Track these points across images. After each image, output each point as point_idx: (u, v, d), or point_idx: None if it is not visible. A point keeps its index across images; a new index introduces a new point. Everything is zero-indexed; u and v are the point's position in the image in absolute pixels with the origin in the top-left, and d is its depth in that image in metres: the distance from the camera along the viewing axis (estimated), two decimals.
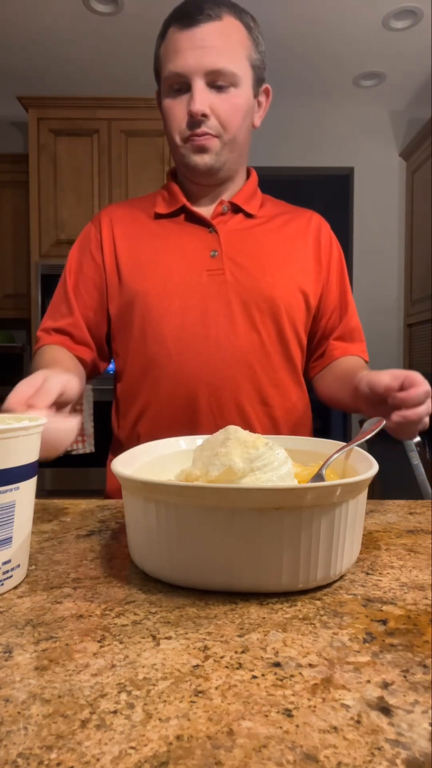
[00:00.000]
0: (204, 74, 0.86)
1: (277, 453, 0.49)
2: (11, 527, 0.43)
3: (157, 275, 0.93)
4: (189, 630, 0.37)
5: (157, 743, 0.26)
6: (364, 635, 0.36)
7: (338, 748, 0.25)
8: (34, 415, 0.52)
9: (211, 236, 0.95)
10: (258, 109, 0.97)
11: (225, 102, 0.88)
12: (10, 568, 0.44)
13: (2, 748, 0.26)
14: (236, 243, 0.95)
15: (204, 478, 0.48)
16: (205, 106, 0.87)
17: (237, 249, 0.95)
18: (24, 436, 0.43)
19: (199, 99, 0.86)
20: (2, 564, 0.43)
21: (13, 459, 0.42)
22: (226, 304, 0.92)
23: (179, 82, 0.88)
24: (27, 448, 0.43)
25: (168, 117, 0.92)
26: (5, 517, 0.42)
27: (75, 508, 0.69)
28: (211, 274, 0.93)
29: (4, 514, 0.42)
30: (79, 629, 0.37)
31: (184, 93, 0.88)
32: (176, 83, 0.88)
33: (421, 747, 0.26)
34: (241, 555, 0.41)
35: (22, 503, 0.44)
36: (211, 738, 0.26)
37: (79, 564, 0.49)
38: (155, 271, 0.94)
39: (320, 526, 0.41)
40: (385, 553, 0.52)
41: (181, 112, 0.89)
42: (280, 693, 0.30)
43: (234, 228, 0.96)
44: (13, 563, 0.44)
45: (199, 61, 0.86)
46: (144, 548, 0.45)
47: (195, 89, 0.86)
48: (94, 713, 0.28)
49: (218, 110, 0.88)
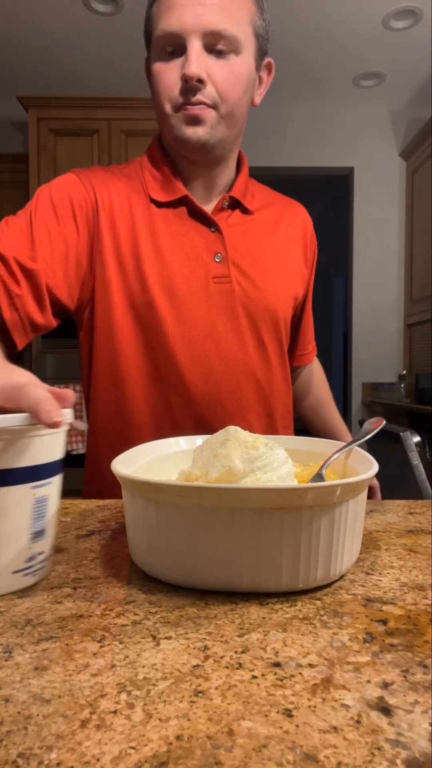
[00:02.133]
0: (202, 34, 0.76)
1: (277, 453, 0.49)
2: (45, 520, 0.44)
3: (161, 279, 0.83)
4: (189, 630, 0.37)
5: (157, 743, 0.26)
6: (364, 635, 0.36)
7: (338, 748, 0.25)
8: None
9: (214, 236, 0.87)
10: (259, 85, 0.87)
11: (224, 69, 0.78)
12: (44, 558, 0.45)
13: (2, 748, 0.26)
14: (239, 246, 0.89)
15: (204, 478, 0.48)
16: (202, 70, 0.76)
17: (240, 253, 0.88)
18: (55, 434, 0.44)
19: (196, 61, 0.75)
20: (38, 554, 0.44)
21: (48, 455, 0.44)
22: (233, 318, 0.87)
23: (173, 43, 0.77)
24: (58, 445, 0.45)
25: (158, 82, 0.80)
26: (40, 510, 0.44)
27: (75, 508, 0.69)
28: (218, 282, 0.86)
29: (40, 507, 0.44)
30: (79, 629, 0.37)
31: (178, 56, 0.78)
32: (169, 44, 0.77)
33: (421, 747, 0.26)
34: (241, 555, 0.41)
35: (53, 498, 0.45)
36: (211, 738, 0.26)
37: (79, 564, 0.49)
38: (159, 273, 0.83)
39: (320, 526, 0.41)
40: (385, 553, 0.52)
41: (173, 77, 0.78)
42: (280, 693, 0.30)
43: (234, 227, 0.89)
44: (46, 554, 0.46)
45: (197, 19, 0.75)
46: (144, 548, 0.45)
47: (191, 51, 0.75)
48: (94, 713, 0.28)
49: (216, 77, 0.77)
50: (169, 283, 0.84)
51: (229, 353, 0.87)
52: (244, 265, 0.88)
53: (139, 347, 0.85)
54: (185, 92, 0.78)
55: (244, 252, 0.89)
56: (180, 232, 0.86)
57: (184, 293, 0.84)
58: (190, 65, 0.75)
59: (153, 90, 0.82)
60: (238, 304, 0.87)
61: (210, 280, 0.86)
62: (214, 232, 0.87)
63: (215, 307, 0.86)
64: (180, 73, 0.77)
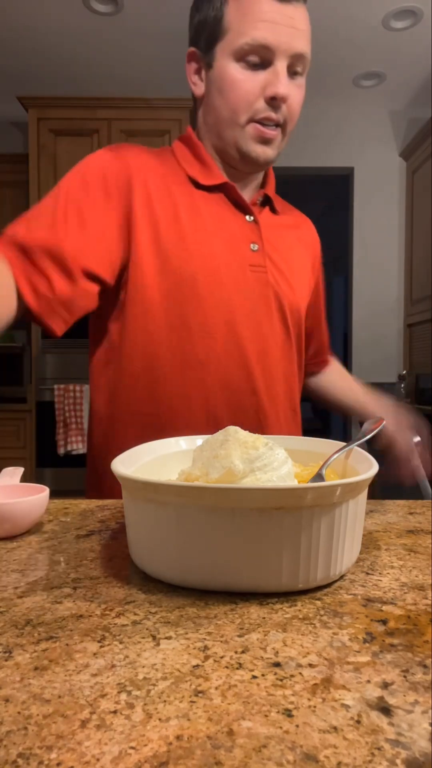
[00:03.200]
0: (290, 56, 0.79)
1: (277, 453, 0.49)
2: None
3: (204, 258, 0.82)
4: (189, 630, 0.37)
5: (157, 743, 0.26)
6: (364, 635, 0.36)
7: (338, 748, 0.25)
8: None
9: (251, 225, 0.88)
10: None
11: (298, 90, 0.83)
12: None
13: (2, 748, 0.26)
14: (272, 239, 0.90)
15: (204, 479, 0.48)
16: (286, 90, 0.80)
17: (273, 246, 0.90)
18: None
19: (285, 82, 0.79)
20: None
21: None
22: (267, 307, 0.87)
23: (260, 55, 0.79)
24: None
25: (235, 89, 0.80)
26: None
27: (75, 508, 0.69)
28: (254, 270, 0.86)
29: None
30: (79, 629, 0.37)
31: (260, 69, 0.80)
32: (256, 55, 0.79)
33: (421, 747, 0.26)
34: (241, 555, 0.41)
35: None
36: (211, 738, 0.26)
37: (79, 564, 0.49)
38: (202, 252, 0.83)
39: (320, 526, 0.41)
40: (385, 553, 0.52)
41: (255, 89, 0.80)
42: (280, 693, 0.30)
43: (267, 222, 0.91)
44: None
45: (291, 41, 0.78)
46: (144, 548, 0.45)
47: (280, 70, 0.79)
48: (94, 713, 0.28)
49: (293, 98, 0.82)
50: (213, 262, 0.83)
51: (264, 342, 0.86)
52: (277, 259, 0.89)
53: (174, 327, 0.83)
54: (267, 108, 0.81)
55: (276, 246, 0.90)
56: (220, 215, 0.86)
57: (225, 274, 0.84)
58: (281, 85, 0.79)
59: (223, 94, 0.82)
60: (271, 295, 0.87)
61: (247, 267, 0.86)
62: (250, 222, 0.88)
63: (253, 294, 0.86)
64: (263, 88, 0.80)
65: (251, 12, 0.78)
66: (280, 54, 0.78)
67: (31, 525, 0.59)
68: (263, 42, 0.77)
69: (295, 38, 0.78)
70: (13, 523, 0.56)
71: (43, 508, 0.59)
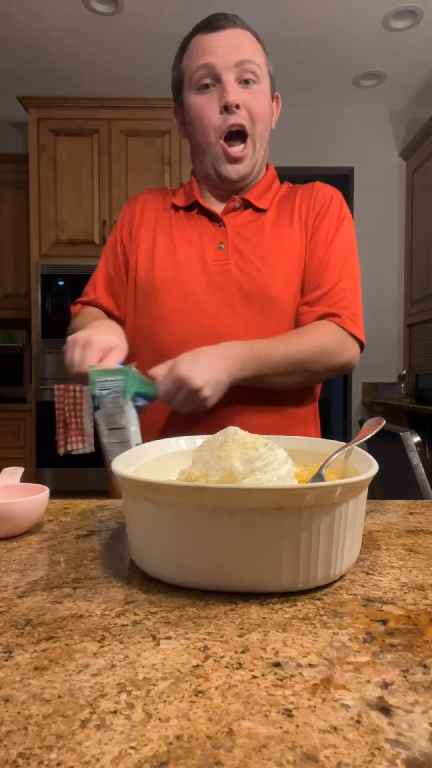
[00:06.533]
0: (234, 66, 0.91)
1: (277, 453, 0.49)
2: None
3: (167, 262, 0.99)
4: (189, 630, 0.37)
5: (157, 743, 0.26)
6: (364, 635, 0.36)
7: (338, 748, 0.25)
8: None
9: (220, 230, 0.99)
10: (272, 114, 1.02)
11: (254, 95, 0.93)
12: None
13: (2, 748, 0.26)
14: (245, 235, 0.98)
15: (204, 479, 0.48)
16: (239, 97, 0.91)
17: (243, 240, 0.98)
18: None
19: (232, 90, 0.91)
20: None
21: None
22: (228, 296, 0.95)
23: (209, 75, 0.92)
24: None
25: (199, 114, 0.94)
26: None
27: (75, 508, 0.69)
28: (216, 263, 0.97)
29: None
30: (79, 629, 0.37)
31: (212, 88, 0.92)
32: (206, 77, 0.92)
33: (421, 747, 0.26)
34: (241, 555, 0.41)
35: None
36: (211, 738, 0.26)
37: (79, 564, 0.49)
38: (166, 258, 0.99)
39: (320, 526, 0.41)
40: (385, 553, 0.52)
41: (212, 105, 0.92)
42: (280, 693, 0.30)
43: (242, 222, 1.00)
44: None
45: (228, 56, 0.91)
46: (144, 548, 0.45)
47: (227, 82, 0.91)
48: (94, 713, 0.28)
49: (249, 103, 0.92)
50: (174, 263, 0.98)
51: (218, 327, 0.93)
52: (246, 251, 0.97)
53: (143, 323, 0.99)
54: (227, 118, 0.92)
55: (247, 240, 0.98)
56: (191, 227, 1.01)
57: (186, 273, 0.97)
58: (228, 94, 0.90)
59: (194, 123, 0.95)
60: (233, 284, 0.96)
61: (210, 262, 0.97)
62: (220, 227, 1.00)
63: (213, 285, 0.96)
64: (218, 103, 0.92)
65: (194, 51, 0.94)
66: (223, 68, 0.91)
67: (31, 525, 0.59)
68: (204, 62, 0.91)
69: (233, 52, 0.91)
70: (13, 523, 0.56)
71: (43, 508, 0.59)
